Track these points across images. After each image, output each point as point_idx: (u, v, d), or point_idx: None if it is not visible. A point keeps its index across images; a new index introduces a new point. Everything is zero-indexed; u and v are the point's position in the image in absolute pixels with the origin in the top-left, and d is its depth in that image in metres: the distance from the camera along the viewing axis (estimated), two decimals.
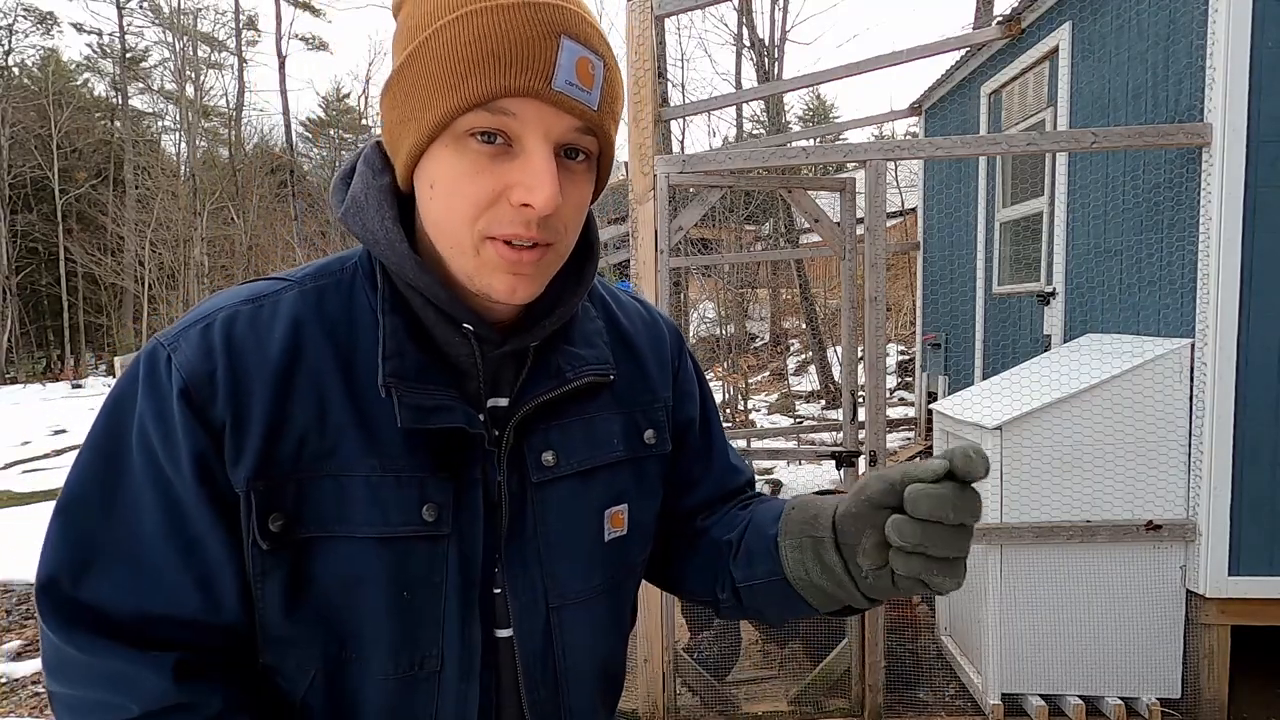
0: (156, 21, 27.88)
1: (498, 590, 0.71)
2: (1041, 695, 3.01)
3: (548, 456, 0.72)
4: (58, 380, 22.56)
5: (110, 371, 22.37)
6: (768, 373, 14.24)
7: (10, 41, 27.09)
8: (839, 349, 6.16)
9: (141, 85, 29.16)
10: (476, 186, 0.62)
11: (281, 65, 27.27)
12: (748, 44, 12.24)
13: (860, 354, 3.24)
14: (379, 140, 0.71)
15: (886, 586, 0.61)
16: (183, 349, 0.63)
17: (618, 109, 0.67)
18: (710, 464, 0.89)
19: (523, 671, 0.72)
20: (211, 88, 37.25)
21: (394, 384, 0.65)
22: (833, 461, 3.36)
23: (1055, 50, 4.23)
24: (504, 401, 0.72)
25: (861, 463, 3.05)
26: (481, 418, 0.69)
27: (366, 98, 31.89)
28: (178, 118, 27.69)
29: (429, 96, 0.61)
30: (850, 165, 10.60)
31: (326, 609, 0.65)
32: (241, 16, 28.58)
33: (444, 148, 0.62)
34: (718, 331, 12.99)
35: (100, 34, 34.47)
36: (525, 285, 0.66)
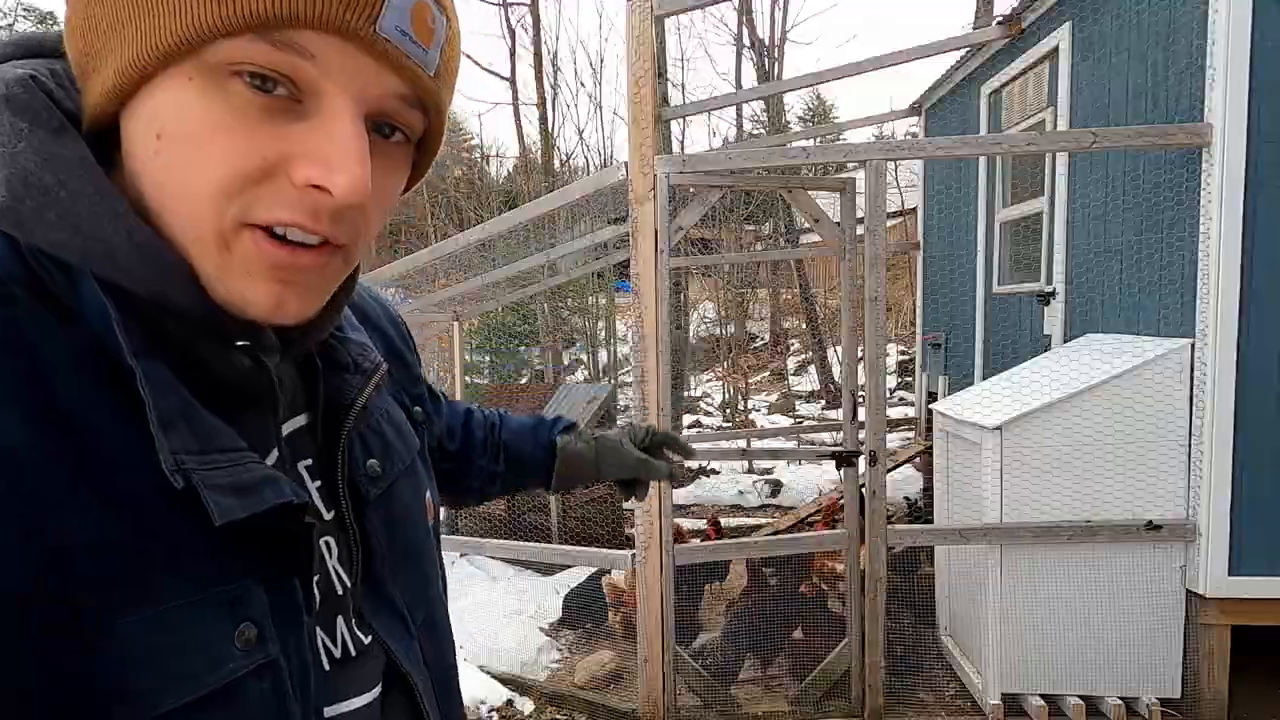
0: None
1: (354, 653, 0.57)
2: (1041, 695, 3.01)
3: (373, 464, 0.61)
4: None
5: None
6: (768, 373, 14.24)
7: None
8: (839, 349, 6.16)
9: None
10: (238, 147, 0.42)
11: None
12: (748, 44, 12.25)
13: (860, 354, 3.24)
14: (31, 74, 0.45)
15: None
16: None
17: (454, 82, 0.51)
18: (439, 408, 0.91)
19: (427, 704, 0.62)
20: None
21: (190, 465, 0.43)
22: (833, 461, 3.36)
23: (1055, 50, 4.23)
24: (303, 420, 0.57)
25: (861, 463, 3.05)
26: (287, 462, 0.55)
27: None
28: None
29: None
30: (850, 165, 10.60)
31: None
32: None
33: (185, 80, 0.41)
34: (718, 331, 13.00)
35: None
36: (298, 300, 0.47)
